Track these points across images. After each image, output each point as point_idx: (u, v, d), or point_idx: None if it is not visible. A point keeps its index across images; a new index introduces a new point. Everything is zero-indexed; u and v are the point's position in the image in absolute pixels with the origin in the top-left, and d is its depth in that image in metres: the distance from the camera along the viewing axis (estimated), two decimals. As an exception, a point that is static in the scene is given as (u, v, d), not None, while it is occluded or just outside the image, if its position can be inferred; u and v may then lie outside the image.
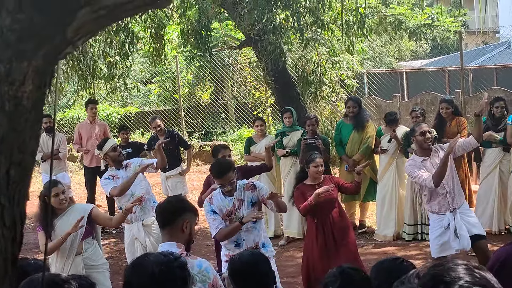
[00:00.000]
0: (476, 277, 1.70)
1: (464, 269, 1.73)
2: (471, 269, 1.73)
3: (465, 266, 1.76)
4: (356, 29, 11.95)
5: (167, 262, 3.13)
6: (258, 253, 4.40)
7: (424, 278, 1.77)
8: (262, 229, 6.70)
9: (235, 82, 20.03)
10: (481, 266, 1.85)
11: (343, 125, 10.83)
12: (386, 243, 10.30)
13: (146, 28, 13.87)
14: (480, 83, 17.85)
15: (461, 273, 1.71)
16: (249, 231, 6.56)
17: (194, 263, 4.33)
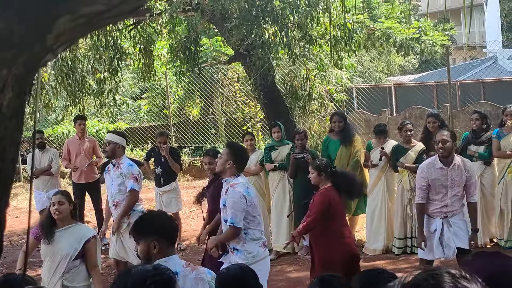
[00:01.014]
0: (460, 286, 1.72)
1: (450, 275, 1.74)
2: (454, 275, 1.75)
3: (450, 275, 1.77)
4: (344, 44, 12.00)
5: (154, 275, 3.14)
6: (246, 267, 4.41)
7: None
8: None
9: (224, 97, 20.05)
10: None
11: (330, 140, 10.83)
12: (376, 257, 10.31)
13: (135, 43, 13.89)
14: (468, 97, 17.95)
15: (448, 282, 1.72)
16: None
17: (205, 270, 4.50)
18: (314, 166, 7.68)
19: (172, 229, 4.57)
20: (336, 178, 7.57)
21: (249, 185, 6.65)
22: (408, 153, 10.11)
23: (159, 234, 4.43)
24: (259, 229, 6.61)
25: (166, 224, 4.55)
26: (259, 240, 6.59)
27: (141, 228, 4.53)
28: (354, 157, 10.52)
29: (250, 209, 6.46)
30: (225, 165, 6.55)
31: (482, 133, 10.05)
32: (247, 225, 6.49)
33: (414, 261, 9.80)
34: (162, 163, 11.49)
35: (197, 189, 16.71)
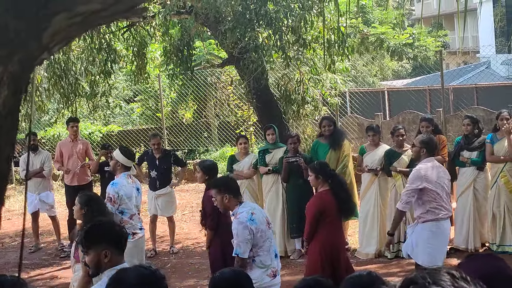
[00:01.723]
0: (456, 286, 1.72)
1: (448, 278, 1.75)
2: (451, 273, 1.76)
3: (448, 274, 1.78)
4: (338, 48, 12.01)
5: (148, 274, 3.15)
6: (240, 271, 4.39)
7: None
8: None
9: (217, 100, 20.05)
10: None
11: (319, 145, 10.83)
12: (368, 261, 10.31)
13: (128, 46, 13.87)
14: (461, 102, 18.00)
15: (446, 281, 1.73)
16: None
17: None
18: (312, 168, 7.70)
19: (123, 238, 4.50)
20: (334, 182, 7.57)
21: (255, 211, 6.41)
22: (401, 157, 10.13)
23: (110, 243, 4.41)
24: (269, 254, 6.42)
25: (118, 232, 4.50)
26: (267, 268, 6.39)
27: (93, 237, 4.47)
28: (342, 161, 10.53)
29: (257, 236, 6.28)
30: (224, 202, 6.44)
31: (474, 139, 10.07)
32: (256, 252, 6.34)
33: (406, 265, 9.81)
34: (157, 166, 11.46)
35: (189, 192, 16.76)
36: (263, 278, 6.35)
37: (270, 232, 6.49)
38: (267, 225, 6.45)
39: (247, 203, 6.53)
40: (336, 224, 7.66)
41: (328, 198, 7.46)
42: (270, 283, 6.41)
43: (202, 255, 10.82)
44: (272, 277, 6.43)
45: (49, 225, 12.90)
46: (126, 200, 8.42)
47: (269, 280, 6.40)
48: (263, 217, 6.48)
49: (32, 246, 12.42)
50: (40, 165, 12.06)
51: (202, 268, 10.58)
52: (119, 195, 8.37)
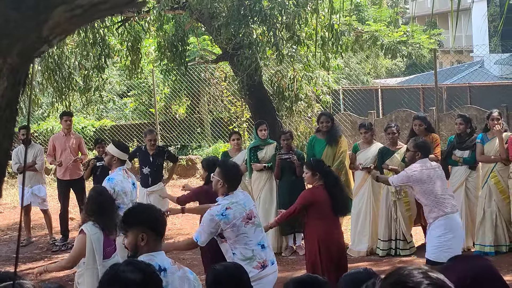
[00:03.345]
0: (433, 278, 1.75)
1: (420, 273, 1.77)
2: (425, 272, 1.78)
3: (419, 270, 1.80)
4: (331, 45, 12.02)
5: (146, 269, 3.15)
6: (240, 266, 4.40)
7: (386, 286, 1.79)
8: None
9: (211, 96, 20.04)
10: (430, 268, 1.90)
11: (316, 140, 10.85)
12: (360, 259, 10.33)
13: (122, 41, 13.84)
14: (454, 101, 18.04)
15: (419, 277, 1.75)
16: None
17: (188, 271, 4.47)
18: (307, 166, 7.71)
19: (161, 222, 4.52)
20: (329, 179, 7.59)
21: (232, 205, 6.30)
22: (393, 155, 10.16)
23: (148, 226, 4.40)
24: (248, 248, 6.33)
25: (156, 216, 4.51)
26: (249, 259, 6.31)
27: (130, 218, 4.50)
28: (339, 157, 10.55)
29: (228, 230, 6.23)
30: (217, 185, 6.41)
31: (467, 138, 10.09)
32: (232, 245, 6.31)
33: (397, 263, 9.83)
34: (151, 162, 11.41)
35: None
36: (250, 271, 6.11)
37: (248, 227, 6.36)
38: (246, 220, 6.34)
39: (233, 195, 6.40)
40: (333, 221, 7.68)
41: (320, 193, 7.48)
42: (259, 275, 6.31)
43: (194, 250, 10.80)
44: (260, 269, 6.34)
45: (41, 219, 12.88)
46: (122, 195, 8.40)
47: (257, 272, 6.30)
48: (242, 211, 6.34)
49: (24, 239, 12.40)
50: (32, 159, 12.03)
51: (194, 263, 10.57)
52: (115, 190, 8.35)
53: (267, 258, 6.48)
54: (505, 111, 14.16)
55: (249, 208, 6.47)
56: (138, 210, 4.66)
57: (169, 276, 4.23)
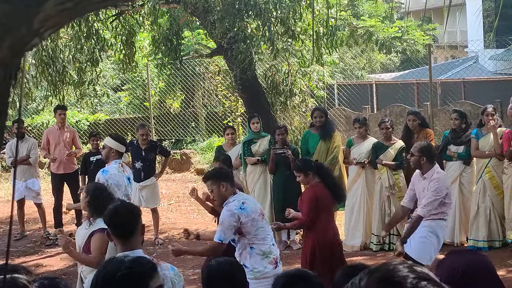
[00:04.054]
0: (419, 272, 1.76)
1: (406, 267, 1.78)
2: (410, 266, 1.79)
3: (404, 264, 1.81)
4: (326, 40, 12.01)
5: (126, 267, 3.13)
6: (236, 262, 4.39)
7: (372, 281, 1.79)
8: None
9: (205, 90, 20.03)
10: (412, 262, 1.91)
11: (309, 135, 10.86)
12: (353, 253, 10.34)
13: (117, 35, 13.80)
14: (448, 96, 18.05)
15: (405, 272, 1.75)
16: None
17: (168, 266, 4.41)
18: (296, 169, 7.68)
19: (120, 226, 4.47)
20: (321, 173, 7.59)
21: (247, 200, 6.34)
22: (387, 150, 10.17)
23: (110, 230, 4.48)
24: (266, 243, 6.35)
25: (114, 223, 4.51)
26: (266, 255, 6.33)
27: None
28: (332, 152, 10.56)
29: (248, 224, 6.23)
30: (221, 191, 6.32)
31: (462, 133, 10.11)
32: (251, 240, 6.30)
33: (392, 258, 9.84)
34: (143, 157, 11.40)
35: (176, 182, 16.75)
36: (266, 267, 6.29)
37: (264, 222, 6.41)
38: (261, 215, 6.38)
39: (240, 194, 6.44)
40: (329, 217, 7.68)
41: (319, 189, 7.48)
42: (273, 272, 6.22)
43: (188, 244, 10.78)
44: (274, 265, 6.36)
45: (35, 213, 12.86)
46: (115, 188, 8.38)
47: (272, 269, 6.29)
48: (257, 207, 6.42)
49: (18, 233, 12.39)
50: (26, 153, 12.00)
51: (188, 258, 10.56)
52: (108, 183, 8.33)
53: (277, 254, 6.53)
54: (500, 106, 14.16)
55: (259, 205, 6.58)
56: (105, 214, 4.68)
57: None
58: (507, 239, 10.03)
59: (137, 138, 11.58)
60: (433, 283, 1.74)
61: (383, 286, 1.74)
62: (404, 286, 1.71)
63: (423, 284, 1.72)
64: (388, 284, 1.73)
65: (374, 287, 1.74)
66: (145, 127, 11.71)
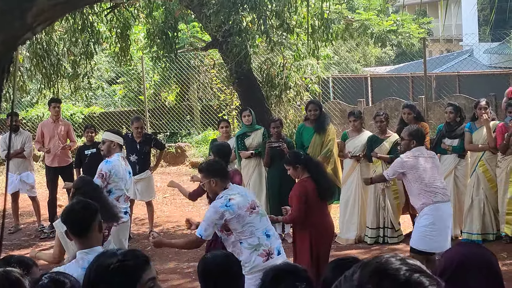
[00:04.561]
0: (411, 264, 1.77)
1: (398, 260, 1.79)
2: (403, 259, 1.80)
3: (396, 257, 1.82)
4: (321, 33, 12.01)
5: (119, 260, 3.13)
6: (232, 255, 4.39)
7: (365, 274, 1.80)
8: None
9: (200, 84, 20.00)
10: (413, 258, 1.93)
11: (304, 128, 10.87)
12: (348, 246, 10.37)
13: (111, 27, 13.76)
14: (443, 90, 18.08)
15: (397, 264, 1.77)
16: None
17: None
18: (286, 163, 7.69)
19: (75, 224, 4.46)
20: (310, 167, 7.59)
21: (234, 196, 6.29)
22: (382, 143, 10.19)
23: (68, 229, 4.48)
24: (254, 235, 6.31)
25: (71, 220, 4.50)
26: (256, 248, 6.29)
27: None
28: (327, 145, 10.57)
29: (234, 221, 6.20)
30: (211, 187, 6.34)
31: (456, 126, 10.13)
32: (238, 236, 6.28)
33: (386, 251, 9.87)
34: (138, 150, 11.38)
35: (171, 175, 16.73)
36: (255, 260, 6.25)
37: (253, 216, 6.33)
38: (249, 210, 6.32)
39: (232, 188, 6.40)
40: (323, 210, 7.68)
41: (308, 184, 7.48)
42: (264, 265, 6.15)
43: (182, 238, 10.82)
44: (265, 257, 6.29)
45: (29, 206, 12.85)
46: (117, 180, 8.41)
47: (262, 262, 6.25)
48: (246, 202, 6.33)
49: (12, 227, 12.37)
50: (21, 146, 11.98)
51: (182, 251, 10.58)
52: (111, 173, 8.36)
53: (272, 246, 6.43)
54: (494, 100, 14.19)
55: (251, 199, 6.47)
56: (62, 212, 4.71)
57: None
58: (501, 232, 10.07)
59: (132, 131, 11.56)
60: (426, 275, 1.75)
61: (376, 279, 1.75)
62: (397, 279, 1.73)
63: (416, 277, 1.73)
64: (381, 277, 1.74)
65: (367, 280, 1.75)
66: (140, 120, 11.70)
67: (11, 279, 3.12)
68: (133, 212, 11.62)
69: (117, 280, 2.76)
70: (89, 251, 4.32)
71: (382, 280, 1.74)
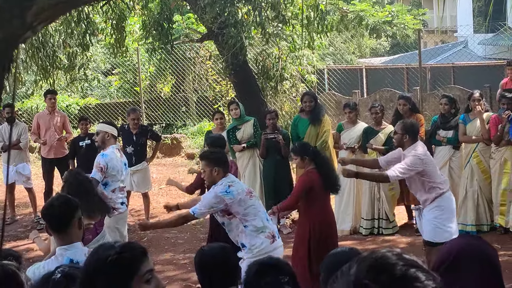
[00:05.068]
0: (407, 259, 1.80)
1: (394, 255, 1.81)
2: (399, 254, 1.83)
3: (393, 252, 1.85)
4: (317, 25, 12.01)
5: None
6: (228, 247, 4.41)
7: (362, 269, 1.82)
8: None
9: (196, 75, 19.98)
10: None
11: (299, 120, 10.89)
12: (343, 238, 10.39)
13: (107, 19, 13.74)
14: (438, 81, 18.10)
15: (394, 259, 1.79)
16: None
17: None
18: (294, 152, 7.74)
19: (54, 218, 4.44)
20: (317, 159, 7.62)
21: (233, 183, 6.44)
22: (378, 135, 10.22)
23: (45, 218, 4.51)
24: (258, 217, 6.46)
25: (49, 213, 4.49)
26: (261, 230, 6.44)
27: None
28: (322, 137, 10.59)
29: (235, 205, 6.35)
30: (212, 175, 6.45)
31: (451, 118, 10.16)
32: (242, 218, 6.42)
33: (381, 242, 9.94)
34: (134, 141, 11.39)
35: (167, 167, 16.76)
36: (262, 242, 6.37)
37: (253, 200, 6.51)
38: (248, 194, 6.48)
39: (229, 177, 6.53)
40: (325, 202, 7.73)
41: (315, 176, 7.52)
42: (271, 247, 6.40)
43: (178, 229, 10.84)
44: (271, 239, 6.45)
45: (25, 197, 12.86)
46: (114, 172, 8.42)
47: (269, 244, 6.41)
48: (244, 187, 6.56)
49: (8, 218, 12.37)
50: (17, 137, 11.98)
51: (178, 242, 10.63)
52: (108, 166, 8.37)
53: (273, 229, 6.62)
54: (489, 91, 14.24)
55: (246, 187, 6.69)
56: (42, 207, 4.71)
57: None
58: (495, 223, 10.12)
59: (128, 122, 11.57)
60: (422, 270, 1.78)
61: (373, 274, 1.77)
62: (394, 274, 1.75)
63: (412, 271, 1.76)
64: (378, 272, 1.77)
65: (363, 275, 1.78)
66: (137, 112, 11.71)
67: (7, 272, 3.14)
68: (129, 203, 11.65)
69: (114, 272, 2.79)
70: (69, 247, 4.31)
71: (378, 275, 1.76)
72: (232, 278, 4.10)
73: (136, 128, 11.38)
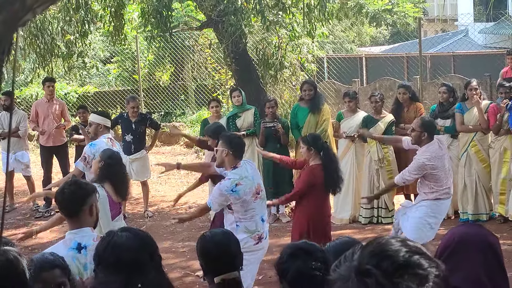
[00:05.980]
0: (411, 246, 1.79)
1: (398, 241, 1.80)
2: (403, 240, 1.82)
3: (397, 239, 1.83)
4: (318, 13, 11.97)
5: None
6: (230, 233, 4.40)
7: (365, 255, 1.81)
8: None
9: (195, 63, 19.93)
10: (404, 237, 1.95)
11: (299, 108, 10.86)
12: (342, 226, 10.41)
13: (105, 6, 13.68)
14: (438, 70, 18.06)
15: (398, 245, 1.78)
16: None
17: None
18: (304, 141, 7.69)
19: (63, 206, 4.54)
20: (325, 156, 7.57)
21: (242, 181, 6.39)
22: (377, 123, 10.20)
23: (57, 202, 4.59)
24: (253, 221, 6.52)
25: (59, 200, 4.56)
26: (251, 233, 6.52)
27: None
28: (321, 125, 10.57)
29: (238, 205, 6.41)
30: (222, 155, 6.49)
31: (449, 107, 10.14)
32: (238, 218, 6.48)
33: (380, 231, 9.93)
34: (133, 129, 11.37)
35: (165, 155, 16.74)
36: (248, 241, 6.44)
37: (257, 202, 6.54)
38: (255, 195, 6.49)
39: (242, 169, 6.51)
40: (324, 196, 7.71)
41: (319, 173, 7.49)
42: (254, 247, 6.54)
43: (177, 216, 10.82)
44: (256, 240, 6.55)
45: (24, 185, 12.85)
46: None
47: (253, 244, 6.52)
48: (253, 187, 6.49)
49: (7, 206, 12.36)
50: (15, 125, 11.95)
51: (177, 230, 10.62)
52: (95, 156, 8.30)
53: (264, 230, 6.69)
54: (489, 80, 14.20)
55: (257, 182, 6.62)
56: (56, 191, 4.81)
57: (89, 254, 4.20)
58: (493, 212, 10.11)
59: (127, 110, 11.55)
60: (425, 257, 1.76)
61: (376, 260, 1.76)
62: (397, 260, 1.74)
63: (416, 258, 1.75)
64: (381, 258, 1.76)
65: (366, 261, 1.77)
66: (136, 100, 11.69)
67: (9, 258, 3.13)
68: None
69: None
70: (78, 231, 4.38)
71: (381, 261, 1.75)
72: (234, 264, 4.08)
73: (135, 116, 11.36)
